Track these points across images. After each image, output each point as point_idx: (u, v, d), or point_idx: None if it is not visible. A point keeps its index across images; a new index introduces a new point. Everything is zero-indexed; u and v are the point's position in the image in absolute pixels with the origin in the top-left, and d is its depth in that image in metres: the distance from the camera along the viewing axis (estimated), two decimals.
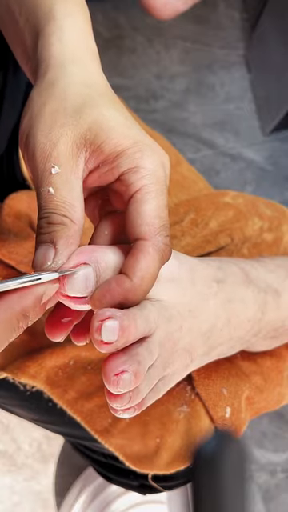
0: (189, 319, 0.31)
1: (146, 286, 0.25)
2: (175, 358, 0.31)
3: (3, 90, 0.49)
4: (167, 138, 0.62)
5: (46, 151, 0.25)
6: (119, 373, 0.25)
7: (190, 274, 0.32)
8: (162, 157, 0.26)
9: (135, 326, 0.26)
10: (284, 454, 0.80)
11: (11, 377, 0.43)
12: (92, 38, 0.31)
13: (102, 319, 0.24)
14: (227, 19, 1.03)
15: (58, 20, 0.29)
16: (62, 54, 0.28)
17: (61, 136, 0.25)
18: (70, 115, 0.26)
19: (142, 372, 0.26)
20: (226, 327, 0.35)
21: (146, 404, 0.29)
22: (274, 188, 0.95)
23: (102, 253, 0.26)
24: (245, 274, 0.37)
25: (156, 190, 0.25)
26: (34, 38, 0.30)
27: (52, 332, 0.27)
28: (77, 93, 0.27)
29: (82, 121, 0.25)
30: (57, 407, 0.44)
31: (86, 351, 0.44)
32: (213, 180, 0.93)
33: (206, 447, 0.15)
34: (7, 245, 0.45)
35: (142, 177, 0.25)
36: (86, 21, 0.31)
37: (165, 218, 0.26)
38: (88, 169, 0.26)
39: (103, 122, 0.26)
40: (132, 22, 0.99)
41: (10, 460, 0.77)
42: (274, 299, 0.39)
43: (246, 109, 0.98)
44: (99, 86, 0.28)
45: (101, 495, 0.68)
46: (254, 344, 0.42)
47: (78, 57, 0.28)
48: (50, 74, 0.28)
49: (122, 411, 0.27)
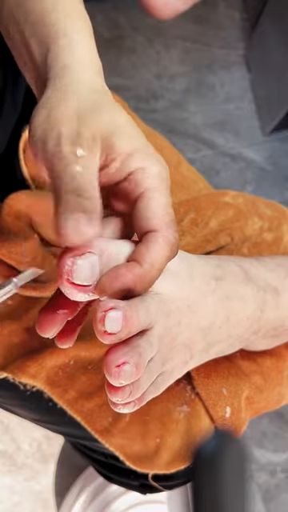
0: (187, 314, 0.31)
1: (155, 274, 0.26)
2: (174, 354, 0.31)
3: (3, 89, 0.49)
4: (167, 137, 0.62)
5: (71, 138, 0.26)
6: (120, 364, 0.25)
7: (188, 270, 0.32)
8: (164, 166, 0.28)
9: (138, 317, 0.26)
10: (284, 453, 0.81)
11: (11, 376, 0.43)
12: (96, 54, 0.33)
13: (105, 310, 0.25)
14: (227, 19, 1.03)
15: (68, 36, 0.31)
16: (72, 66, 0.30)
17: (83, 127, 0.26)
18: (89, 114, 0.27)
19: (142, 364, 0.26)
20: (225, 324, 0.35)
21: (146, 399, 0.29)
22: (273, 188, 0.95)
23: (106, 242, 0.26)
24: (244, 272, 0.37)
25: (163, 190, 0.27)
26: (43, 49, 0.31)
27: (44, 325, 0.27)
28: (90, 99, 0.28)
29: (99, 120, 0.27)
30: (57, 407, 0.44)
31: (85, 351, 0.44)
32: (213, 180, 0.93)
33: (206, 447, 0.15)
34: (7, 245, 0.45)
35: (149, 177, 0.26)
36: (91, 36, 0.33)
37: (173, 214, 0.27)
38: (99, 164, 0.27)
39: (116, 124, 0.27)
40: (132, 22, 0.99)
41: (10, 460, 0.77)
42: (274, 298, 0.39)
43: (246, 109, 0.98)
44: (109, 95, 0.30)
45: (101, 495, 0.68)
46: (254, 343, 0.42)
47: (86, 70, 0.30)
48: (63, 80, 0.29)
49: (122, 405, 0.27)
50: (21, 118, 0.52)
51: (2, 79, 0.49)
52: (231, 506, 0.15)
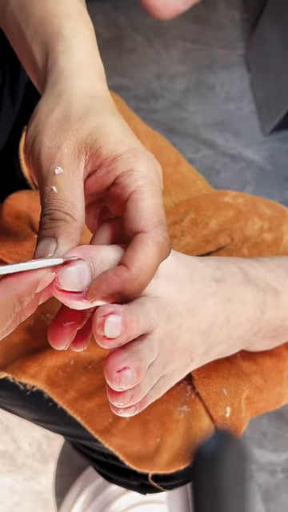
0: (188, 317, 0.31)
1: (144, 277, 0.26)
2: (175, 357, 0.31)
3: (2, 89, 0.49)
4: (167, 137, 0.62)
5: (50, 153, 0.27)
6: (121, 369, 0.25)
7: (188, 273, 0.32)
8: (155, 164, 0.28)
9: (137, 321, 0.26)
10: (284, 454, 0.81)
11: (11, 376, 0.43)
12: (98, 55, 0.33)
13: (104, 314, 0.25)
14: (227, 19, 1.03)
15: (68, 39, 0.31)
16: (70, 70, 0.30)
17: (64, 140, 0.27)
18: (74, 122, 0.28)
19: (143, 369, 0.26)
20: (225, 326, 0.35)
21: (147, 403, 0.29)
22: (273, 188, 0.95)
23: (96, 249, 0.26)
24: (244, 273, 0.37)
25: (151, 191, 0.27)
26: (44, 53, 0.32)
27: (55, 338, 0.28)
28: (81, 103, 0.29)
29: (84, 126, 0.27)
30: (57, 407, 0.44)
31: (86, 351, 0.44)
32: (213, 180, 0.93)
33: (206, 447, 0.15)
34: (7, 244, 0.45)
35: (136, 179, 0.27)
36: (92, 38, 0.33)
37: (162, 214, 0.27)
38: (87, 171, 0.28)
39: (103, 128, 0.27)
40: (132, 21, 0.99)
41: (10, 460, 0.77)
42: (274, 299, 0.39)
43: (246, 109, 0.98)
44: (102, 98, 0.30)
45: (101, 495, 0.68)
46: (254, 343, 0.42)
47: (85, 73, 0.30)
48: (57, 86, 0.30)
49: (123, 410, 0.27)
50: (20, 118, 0.52)
51: (1, 78, 0.49)
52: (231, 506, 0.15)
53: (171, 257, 0.30)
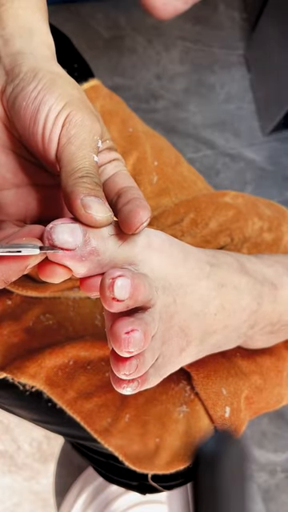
0: (180, 294, 0.31)
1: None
2: (172, 335, 0.31)
3: None
4: (167, 137, 0.62)
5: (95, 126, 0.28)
6: (129, 331, 0.25)
7: (182, 254, 0.32)
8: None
9: (144, 286, 0.26)
10: (284, 454, 0.81)
11: (11, 377, 0.43)
12: (40, 21, 0.32)
13: (113, 277, 0.25)
14: (227, 19, 1.03)
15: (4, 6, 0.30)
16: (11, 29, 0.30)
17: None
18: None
19: (149, 334, 0.26)
20: (220, 313, 0.34)
21: (148, 381, 0.29)
22: (273, 188, 0.95)
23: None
24: (240, 264, 0.37)
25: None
26: None
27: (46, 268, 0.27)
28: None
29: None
30: (56, 407, 0.44)
31: (85, 351, 0.44)
32: (213, 180, 0.93)
33: (206, 447, 0.15)
34: None
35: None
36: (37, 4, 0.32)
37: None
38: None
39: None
40: (132, 22, 0.99)
41: (10, 460, 0.77)
42: (271, 292, 0.38)
43: (246, 109, 0.98)
44: (44, 50, 0.30)
45: (101, 495, 0.68)
46: (252, 339, 0.41)
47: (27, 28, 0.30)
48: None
49: (127, 383, 0.27)
50: None
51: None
52: (231, 506, 0.15)
53: (165, 235, 0.30)
